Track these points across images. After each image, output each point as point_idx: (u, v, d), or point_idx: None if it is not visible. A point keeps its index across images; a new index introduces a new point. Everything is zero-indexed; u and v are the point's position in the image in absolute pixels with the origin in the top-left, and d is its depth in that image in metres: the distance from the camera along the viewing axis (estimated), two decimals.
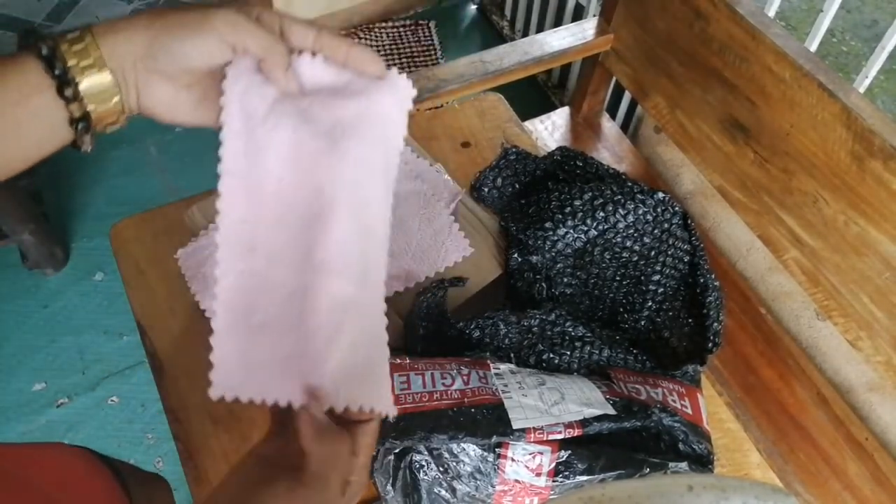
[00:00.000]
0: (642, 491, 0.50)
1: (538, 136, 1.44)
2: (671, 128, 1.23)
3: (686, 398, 0.60)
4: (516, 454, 0.55)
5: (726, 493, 0.48)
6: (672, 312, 0.67)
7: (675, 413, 0.57)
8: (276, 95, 0.44)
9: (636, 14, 1.23)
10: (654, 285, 0.67)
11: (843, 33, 2.47)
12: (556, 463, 0.54)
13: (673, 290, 0.68)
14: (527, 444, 0.54)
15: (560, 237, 0.65)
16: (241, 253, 0.43)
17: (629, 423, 0.55)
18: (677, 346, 0.66)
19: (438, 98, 1.14)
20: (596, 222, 0.64)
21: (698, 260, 0.67)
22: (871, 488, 1.02)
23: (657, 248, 0.67)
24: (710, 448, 0.57)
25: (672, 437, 0.57)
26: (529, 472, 0.55)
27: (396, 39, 2.29)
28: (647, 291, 0.68)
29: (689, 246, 0.67)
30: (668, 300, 0.68)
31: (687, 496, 0.48)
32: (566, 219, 0.65)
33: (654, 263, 0.67)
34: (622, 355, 0.63)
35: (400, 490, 0.56)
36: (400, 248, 0.65)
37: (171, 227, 0.81)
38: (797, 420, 1.09)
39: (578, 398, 0.56)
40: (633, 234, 0.66)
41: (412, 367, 0.56)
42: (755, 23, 1.00)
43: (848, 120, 0.90)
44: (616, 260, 0.68)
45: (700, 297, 0.66)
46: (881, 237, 0.91)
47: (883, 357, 0.97)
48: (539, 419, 0.54)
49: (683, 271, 0.68)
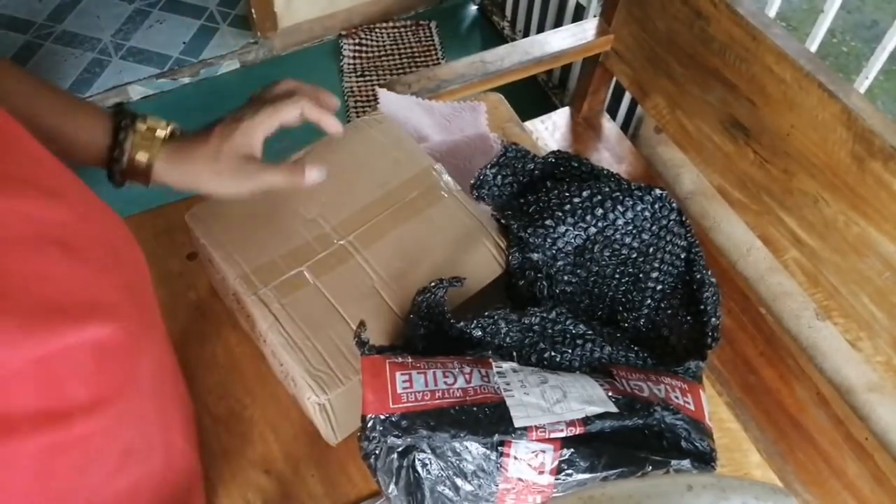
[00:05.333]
0: (642, 490, 0.50)
1: (539, 137, 1.44)
2: (671, 128, 1.23)
3: (689, 394, 0.60)
4: (519, 452, 0.55)
5: (726, 492, 0.49)
6: (671, 311, 0.68)
7: (678, 410, 0.57)
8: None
9: (636, 14, 1.23)
10: (652, 282, 0.67)
11: (843, 34, 2.47)
12: (558, 461, 0.55)
13: (671, 288, 0.68)
14: (529, 443, 0.54)
15: (560, 234, 0.65)
16: None
17: (631, 422, 0.55)
18: (676, 344, 0.66)
19: (439, 98, 1.14)
20: (595, 219, 0.65)
21: (694, 256, 0.67)
22: (871, 488, 1.02)
23: (655, 244, 0.67)
24: (713, 445, 0.57)
25: (675, 436, 0.57)
26: (532, 470, 0.55)
27: (397, 39, 2.30)
28: (646, 289, 0.68)
29: (685, 242, 0.67)
30: (666, 298, 0.68)
31: (687, 496, 0.48)
32: (566, 216, 0.65)
33: (653, 260, 0.67)
34: (623, 352, 0.63)
35: (403, 489, 0.57)
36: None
37: (171, 227, 0.81)
38: (797, 420, 1.09)
39: (580, 396, 0.56)
40: (632, 230, 0.66)
41: (414, 366, 0.56)
42: (756, 23, 1.00)
43: (848, 120, 0.90)
44: (615, 257, 0.68)
45: (697, 294, 0.66)
46: (881, 237, 0.91)
47: (883, 357, 0.97)
48: (541, 417, 0.54)
49: (680, 268, 0.68)
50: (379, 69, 2.21)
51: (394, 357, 0.56)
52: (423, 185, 0.73)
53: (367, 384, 0.55)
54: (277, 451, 0.67)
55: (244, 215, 0.69)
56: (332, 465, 0.67)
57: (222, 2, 2.34)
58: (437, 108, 0.99)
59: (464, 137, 0.91)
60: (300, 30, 2.24)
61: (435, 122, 0.98)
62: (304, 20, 2.22)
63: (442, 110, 0.99)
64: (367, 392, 0.55)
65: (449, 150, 0.88)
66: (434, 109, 0.99)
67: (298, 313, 0.62)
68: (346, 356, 0.60)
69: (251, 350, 0.73)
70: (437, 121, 0.98)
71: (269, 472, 0.66)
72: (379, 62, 2.23)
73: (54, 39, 2.20)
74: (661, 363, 0.65)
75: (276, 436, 0.68)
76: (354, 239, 0.68)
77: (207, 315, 0.75)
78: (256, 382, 0.71)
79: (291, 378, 0.63)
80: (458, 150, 0.89)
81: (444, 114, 0.98)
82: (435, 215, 0.70)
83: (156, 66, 2.14)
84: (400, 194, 0.72)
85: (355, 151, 0.75)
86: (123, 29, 2.24)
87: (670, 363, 0.64)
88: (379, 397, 0.54)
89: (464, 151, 0.89)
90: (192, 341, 0.74)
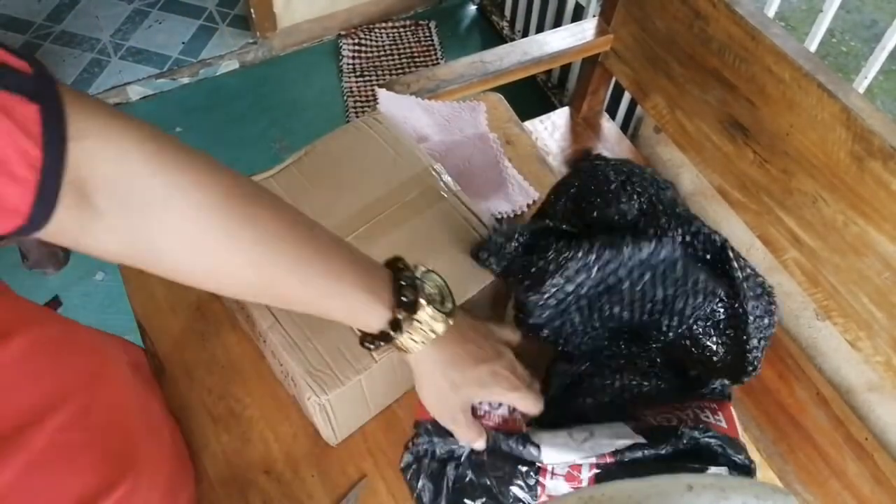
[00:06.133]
0: (642, 490, 0.50)
1: (538, 137, 1.44)
2: (671, 128, 1.23)
3: (719, 413, 0.59)
4: (556, 468, 0.55)
5: (726, 492, 0.49)
6: (710, 322, 0.61)
7: (709, 427, 0.56)
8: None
9: (636, 14, 1.23)
10: (678, 314, 0.61)
11: (842, 34, 2.47)
12: (595, 473, 0.55)
13: (710, 310, 0.61)
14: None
15: (562, 297, 0.60)
16: None
17: (664, 450, 0.54)
18: (712, 356, 0.61)
19: (439, 98, 1.14)
20: (597, 280, 0.59)
21: (738, 290, 0.60)
22: (871, 488, 1.02)
23: (673, 293, 0.60)
24: (750, 458, 0.56)
25: (711, 453, 0.55)
26: (570, 487, 0.55)
27: (396, 39, 2.29)
28: (674, 317, 0.61)
29: (720, 280, 0.60)
30: (702, 319, 0.62)
31: (687, 496, 0.48)
32: (566, 281, 0.59)
33: (675, 304, 0.60)
34: (636, 381, 0.63)
35: (443, 496, 0.57)
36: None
37: None
38: (797, 420, 1.09)
39: (608, 433, 0.56)
40: (643, 286, 0.60)
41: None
42: (755, 23, 1.00)
43: (847, 120, 0.90)
44: (629, 304, 0.62)
45: (742, 325, 0.60)
46: (881, 237, 0.91)
47: (882, 357, 0.97)
48: (571, 455, 0.55)
49: (719, 297, 0.60)
50: (378, 69, 2.21)
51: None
52: (422, 185, 0.73)
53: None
54: (277, 451, 0.67)
55: None
56: (332, 465, 0.67)
57: (221, 2, 2.34)
58: (437, 108, 0.99)
59: (463, 137, 0.91)
60: (299, 30, 2.24)
61: (434, 122, 0.97)
62: (304, 20, 2.22)
63: (441, 110, 0.99)
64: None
65: (448, 150, 0.88)
66: (434, 109, 0.99)
67: (298, 313, 0.62)
68: (346, 356, 0.60)
69: (251, 350, 0.73)
70: (436, 121, 0.98)
71: (269, 473, 0.66)
72: (378, 62, 2.23)
73: (53, 40, 2.20)
74: (695, 375, 0.64)
75: (276, 436, 0.68)
76: (354, 239, 0.68)
77: (207, 315, 0.75)
78: (256, 382, 0.71)
79: (291, 378, 0.63)
80: (458, 150, 0.89)
81: (443, 114, 0.98)
82: (434, 215, 0.70)
83: (155, 67, 2.14)
84: (400, 194, 0.72)
85: (355, 151, 0.75)
86: (122, 29, 2.24)
87: (705, 374, 0.63)
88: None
89: (463, 151, 0.89)
90: (192, 341, 0.74)
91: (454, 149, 0.89)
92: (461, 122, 0.97)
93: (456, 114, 0.98)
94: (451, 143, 0.90)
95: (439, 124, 0.97)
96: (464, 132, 0.94)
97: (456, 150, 0.89)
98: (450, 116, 0.98)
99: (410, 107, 0.98)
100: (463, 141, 0.90)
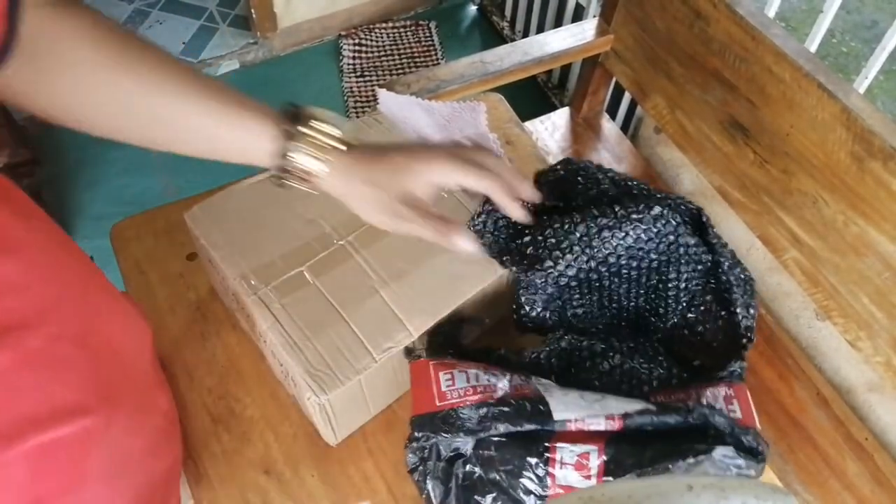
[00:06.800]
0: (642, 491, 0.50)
1: (538, 137, 1.44)
2: (671, 128, 1.23)
3: (734, 400, 0.59)
4: (565, 457, 0.55)
5: (726, 492, 0.49)
6: (703, 307, 0.66)
7: (723, 412, 0.57)
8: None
9: (636, 15, 1.23)
10: (673, 290, 0.65)
11: (843, 34, 2.47)
12: (603, 461, 0.55)
13: (701, 286, 0.66)
14: (573, 445, 0.55)
15: (561, 272, 0.63)
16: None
17: (672, 419, 0.55)
18: (712, 340, 0.65)
19: (439, 98, 1.14)
20: (594, 250, 0.62)
21: (718, 258, 0.64)
22: (871, 488, 1.02)
23: (667, 259, 0.64)
24: (760, 441, 0.56)
25: (718, 431, 0.55)
26: (579, 476, 0.55)
27: (397, 40, 2.30)
28: (669, 297, 0.66)
29: (703, 248, 0.64)
30: (696, 297, 0.66)
31: (687, 496, 0.48)
32: (564, 254, 0.62)
33: (670, 272, 0.65)
34: (647, 364, 0.63)
35: (453, 495, 0.57)
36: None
37: (172, 227, 0.81)
38: (797, 420, 1.09)
39: (619, 399, 0.57)
40: (638, 252, 0.64)
41: (455, 366, 0.59)
42: (755, 23, 1.00)
43: (848, 120, 0.90)
44: (626, 279, 0.66)
45: (726, 295, 0.64)
46: (881, 237, 0.91)
47: (882, 357, 0.97)
48: (580, 411, 0.55)
49: (706, 268, 0.65)
50: (378, 69, 2.21)
51: (438, 358, 0.59)
52: None
53: (413, 389, 0.58)
54: (277, 451, 0.67)
55: (244, 215, 0.69)
56: (332, 465, 0.67)
57: (222, 2, 2.34)
58: (437, 108, 0.99)
59: (463, 137, 0.91)
60: (300, 30, 2.24)
61: (435, 122, 0.97)
62: (304, 20, 2.22)
63: (441, 110, 0.99)
64: (414, 395, 0.58)
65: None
66: (434, 109, 0.99)
67: (298, 313, 0.62)
68: (346, 356, 0.60)
69: (251, 350, 0.73)
70: (436, 121, 0.97)
71: (269, 472, 0.66)
72: (378, 62, 2.23)
73: None
74: (692, 370, 0.64)
75: (276, 436, 0.68)
76: (354, 239, 0.68)
77: (207, 315, 0.75)
78: (256, 382, 0.71)
79: (291, 378, 0.63)
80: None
81: (443, 114, 0.98)
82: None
83: None
84: None
85: None
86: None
87: (707, 360, 0.64)
88: (424, 397, 0.57)
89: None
90: (192, 341, 0.74)
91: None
92: (461, 123, 0.97)
93: (456, 114, 0.98)
94: (452, 144, 0.90)
95: (439, 124, 0.97)
96: (464, 132, 0.94)
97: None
98: (450, 117, 0.98)
99: (410, 107, 0.98)
100: (463, 141, 0.90)
